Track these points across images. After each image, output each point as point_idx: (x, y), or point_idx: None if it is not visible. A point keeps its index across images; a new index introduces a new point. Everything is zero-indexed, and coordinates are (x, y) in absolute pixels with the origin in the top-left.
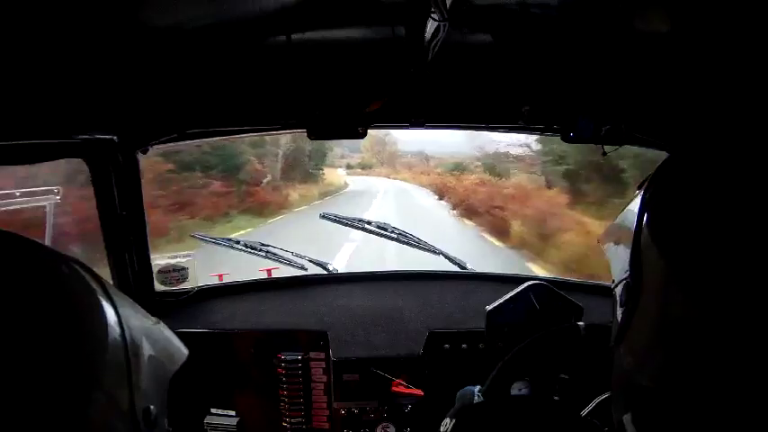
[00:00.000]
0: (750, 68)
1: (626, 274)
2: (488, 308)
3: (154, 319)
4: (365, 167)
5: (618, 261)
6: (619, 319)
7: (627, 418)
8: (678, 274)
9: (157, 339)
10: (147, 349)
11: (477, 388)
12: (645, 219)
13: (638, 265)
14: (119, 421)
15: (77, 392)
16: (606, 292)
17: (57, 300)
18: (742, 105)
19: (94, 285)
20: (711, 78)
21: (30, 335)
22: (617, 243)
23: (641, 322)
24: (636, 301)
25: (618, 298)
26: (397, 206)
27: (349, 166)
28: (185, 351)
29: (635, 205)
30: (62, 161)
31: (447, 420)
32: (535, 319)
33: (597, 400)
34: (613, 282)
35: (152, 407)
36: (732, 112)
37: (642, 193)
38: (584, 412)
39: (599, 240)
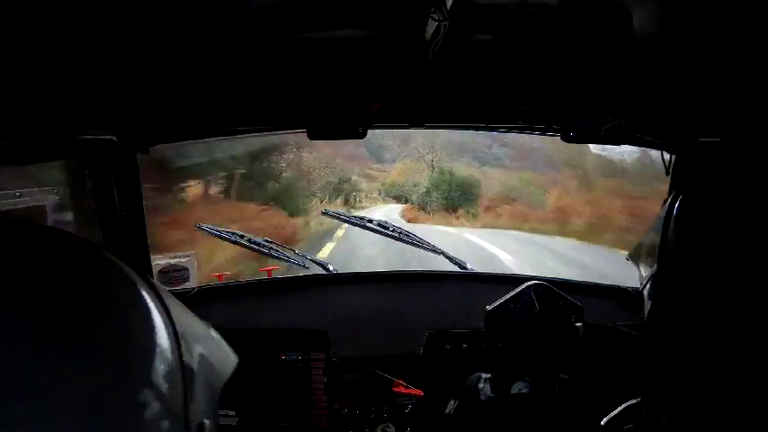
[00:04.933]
0: (750, 68)
1: (653, 270)
2: (488, 308)
3: (204, 321)
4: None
5: (646, 267)
6: (646, 314)
7: (657, 404)
8: (708, 269)
9: (209, 344)
10: (199, 355)
11: (485, 375)
12: (674, 216)
13: (665, 259)
14: None
15: (132, 404)
16: (606, 292)
17: (100, 291)
18: (742, 105)
19: (149, 290)
20: (711, 78)
21: (70, 327)
22: (647, 254)
23: (674, 316)
24: (664, 294)
25: (646, 295)
26: None
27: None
28: (235, 358)
29: (660, 222)
30: None
31: (452, 402)
32: (535, 319)
33: (624, 406)
34: (641, 284)
35: (207, 422)
36: (732, 111)
37: (668, 203)
38: (607, 419)
39: (628, 257)
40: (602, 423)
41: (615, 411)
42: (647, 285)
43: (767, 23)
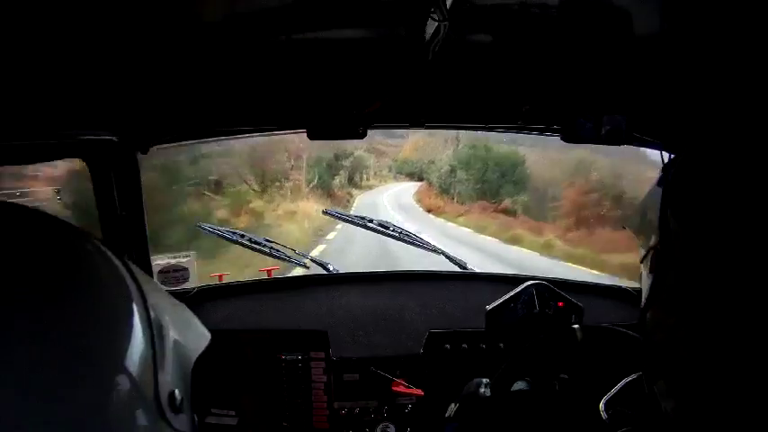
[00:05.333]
0: (750, 67)
1: (653, 242)
2: (488, 308)
3: (175, 300)
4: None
5: (645, 236)
6: (647, 287)
7: (660, 386)
8: (711, 253)
9: (181, 320)
10: (170, 330)
11: (485, 380)
12: (671, 198)
13: (667, 229)
14: (143, 406)
15: (101, 375)
16: (606, 292)
17: (81, 275)
18: (742, 105)
19: (117, 262)
20: (712, 78)
21: (51, 312)
22: (646, 224)
23: (672, 296)
24: (666, 265)
25: (647, 266)
26: None
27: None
28: (208, 334)
29: (657, 189)
30: None
31: (452, 405)
32: (535, 319)
33: (624, 382)
34: (641, 255)
35: (177, 391)
36: (732, 111)
37: (666, 171)
38: (608, 396)
39: (622, 223)
40: (601, 402)
41: (614, 389)
42: (647, 257)
43: (767, 24)
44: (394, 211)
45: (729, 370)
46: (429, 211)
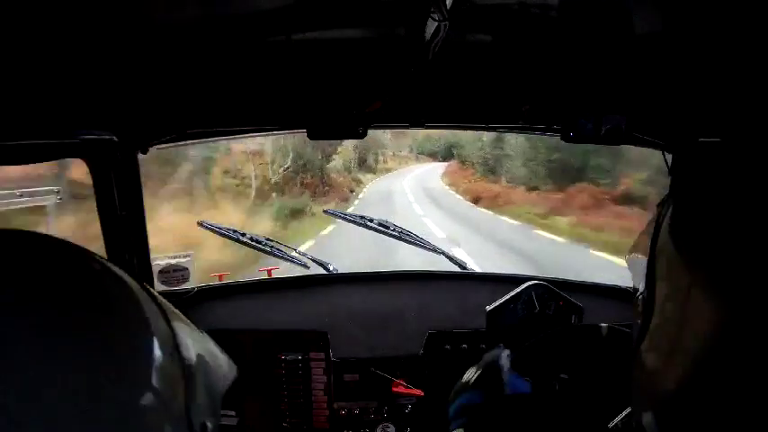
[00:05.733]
0: (750, 68)
1: (642, 287)
2: (488, 308)
3: (199, 333)
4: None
5: (639, 272)
6: (639, 321)
7: (647, 417)
8: (703, 279)
9: (209, 352)
10: (201, 361)
11: (507, 351)
12: (665, 227)
13: (652, 275)
14: None
15: (125, 389)
16: (606, 292)
17: (120, 316)
18: (742, 105)
19: (150, 299)
20: (712, 78)
21: (71, 332)
22: (640, 256)
23: (662, 328)
24: (651, 308)
25: (636, 310)
26: None
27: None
28: (234, 367)
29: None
30: None
31: (473, 369)
32: (535, 319)
33: (627, 411)
34: (636, 290)
35: (209, 423)
36: (732, 111)
37: (660, 208)
38: (614, 423)
39: (627, 255)
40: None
41: (617, 419)
42: (639, 299)
43: (767, 23)
44: (419, 203)
45: (715, 408)
46: (476, 201)
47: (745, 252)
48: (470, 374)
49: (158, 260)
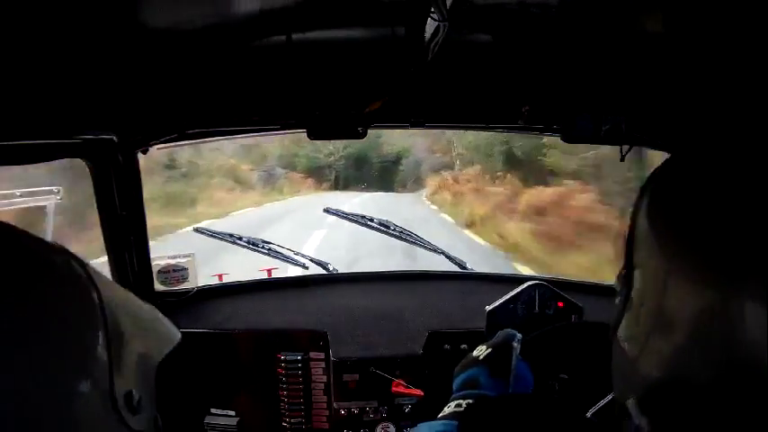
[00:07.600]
0: (750, 67)
1: (621, 266)
2: (488, 308)
3: (141, 302)
4: None
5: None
6: (617, 307)
7: (631, 402)
8: (680, 262)
9: (143, 320)
10: (130, 331)
11: (519, 335)
12: (643, 209)
13: (630, 254)
14: (100, 407)
15: (64, 383)
16: (606, 292)
17: (43, 286)
18: (742, 105)
19: (79, 270)
20: (712, 78)
21: (13, 325)
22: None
23: (640, 311)
24: (629, 289)
25: (617, 287)
26: None
27: None
28: (177, 334)
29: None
30: None
31: (483, 347)
32: (535, 320)
33: (605, 401)
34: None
35: (134, 390)
36: (732, 111)
37: (642, 189)
38: (591, 412)
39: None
40: (588, 414)
41: (600, 403)
42: (618, 279)
43: (767, 24)
44: None
45: (696, 391)
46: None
47: (724, 233)
48: (481, 351)
49: (158, 260)
